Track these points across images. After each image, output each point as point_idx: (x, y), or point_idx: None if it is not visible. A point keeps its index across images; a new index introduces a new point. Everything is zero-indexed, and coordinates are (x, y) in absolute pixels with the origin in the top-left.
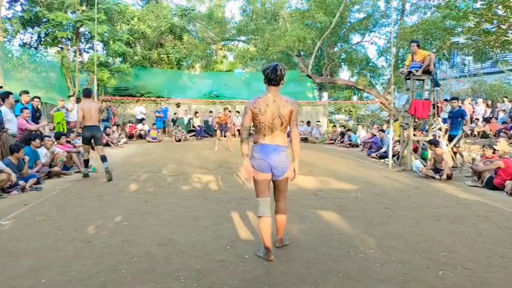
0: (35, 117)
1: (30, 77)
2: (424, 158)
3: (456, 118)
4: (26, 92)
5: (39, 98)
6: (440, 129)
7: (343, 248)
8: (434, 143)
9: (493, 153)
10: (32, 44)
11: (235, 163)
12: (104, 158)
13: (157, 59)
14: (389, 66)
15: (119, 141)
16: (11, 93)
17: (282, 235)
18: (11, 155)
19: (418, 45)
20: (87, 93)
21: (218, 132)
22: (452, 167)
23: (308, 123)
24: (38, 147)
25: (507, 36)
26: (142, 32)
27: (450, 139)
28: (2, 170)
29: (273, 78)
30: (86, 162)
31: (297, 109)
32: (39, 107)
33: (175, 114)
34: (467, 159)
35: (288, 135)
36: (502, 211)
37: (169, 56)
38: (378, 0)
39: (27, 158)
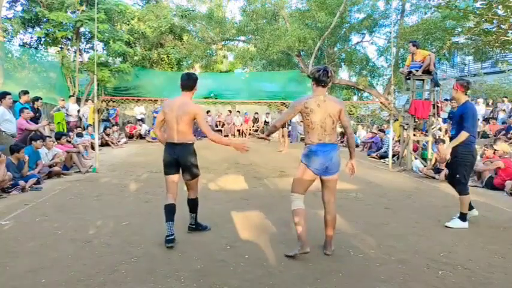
0: (35, 117)
1: (30, 77)
2: (424, 158)
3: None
4: (26, 92)
5: (41, 98)
6: (440, 129)
7: (343, 248)
8: (442, 141)
9: (493, 153)
10: (32, 44)
11: (235, 163)
12: (192, 204)
13: (157, 59)
14: (390, 66)
15: (119, 141)
16: (9, 94)
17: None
18: (11, 155)
19: (414, 45)
20: (188, 83)
21: None
22: None
23: None
24: (39, 148)
25: (507, 36)
26: (142, 32)
27: (451, 139)
28: None
29: (324, 80)
30: (169, 214)
31: (345, 108)
32: (39, 107)
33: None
34: None
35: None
36: (502, 211)
37: (169, 56)
38: (377, 1)
39: (26, 158)
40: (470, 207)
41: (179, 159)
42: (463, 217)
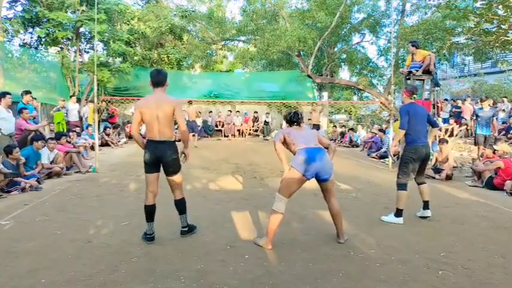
0: None
1: (30, 77)
2: None
3: (488, 118)
4: (28, 92)
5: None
6: (440, 129)
7: (343, 248)
8: (445, 141)
9: (493, 153)
10: (32, 44)
11: (236, 163)
12: (180, 205)
13: (158, 59)
14: (390, 66)
15: (118, 141)
16: (9, 93)
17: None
18: (6, 157)
19: (414, 46)
20: (159, 79)
21: None
22: (453, 167)
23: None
24: (40, 148)
25: (507, 36)
26: (142, 32)
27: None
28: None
29: (295, 120)
30: (150, 214)
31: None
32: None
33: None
34: (467, 159)
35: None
36: (502, 211)
37: (170, 56)
38: (378, 1)
39: (23, 160)
40: (426, 207)
41: (161, 157)
42: (397, 213)
